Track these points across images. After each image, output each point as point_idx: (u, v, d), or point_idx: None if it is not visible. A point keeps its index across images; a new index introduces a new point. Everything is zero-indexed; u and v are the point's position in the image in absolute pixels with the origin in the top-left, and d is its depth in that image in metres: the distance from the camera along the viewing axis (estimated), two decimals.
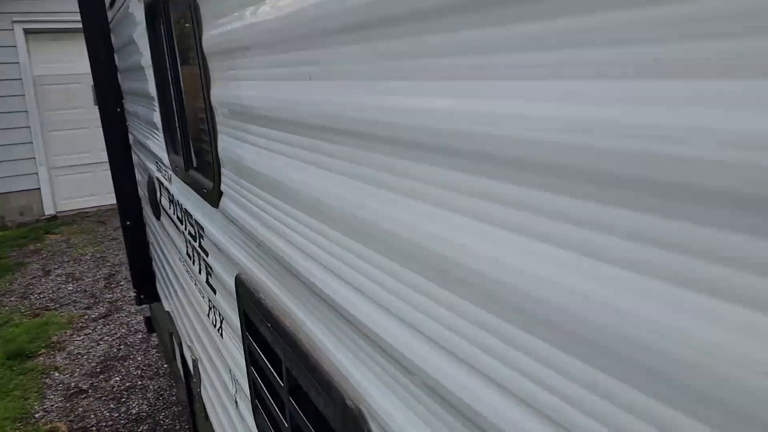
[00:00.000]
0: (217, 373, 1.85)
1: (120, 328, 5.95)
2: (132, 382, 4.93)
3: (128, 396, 4.73)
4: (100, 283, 7.24)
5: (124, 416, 4.46)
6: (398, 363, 0.68)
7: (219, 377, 1.83)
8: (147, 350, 5.46)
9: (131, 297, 6.67)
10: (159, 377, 4.98)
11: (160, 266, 3.00)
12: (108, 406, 4.61)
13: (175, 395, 4.66)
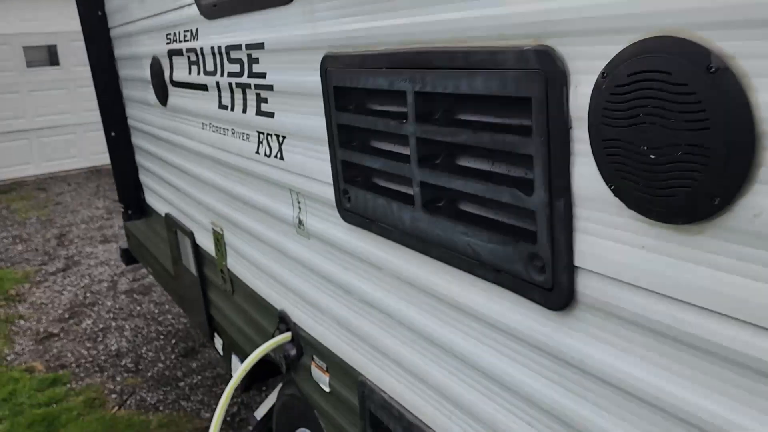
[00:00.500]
0: (262, 218, 1.84)
1: (82, 280, 5.73)
2: (105, 324, 4.78)
3: (104, 336, 4.58)
4: (52, 242, 6.93)
5: (104, 353, 4.33)
6: None
7: (265, 221, 1.82)
8: (116, 296, 5.29)
9: (89, 252, 6.44)
10: (134, 318, 4.85)
11: (157, 164, 2.92)
12: (84, 345, 4.46)
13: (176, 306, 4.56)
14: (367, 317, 1.39)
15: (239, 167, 1.91)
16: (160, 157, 2.85)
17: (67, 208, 8.37)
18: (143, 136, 3.08)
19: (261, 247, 1.90)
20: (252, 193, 1.87)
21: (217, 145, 2.04)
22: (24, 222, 7.82)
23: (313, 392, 1.77)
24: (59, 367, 4.16)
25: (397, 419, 1.33)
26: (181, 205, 2.70)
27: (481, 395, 1.04)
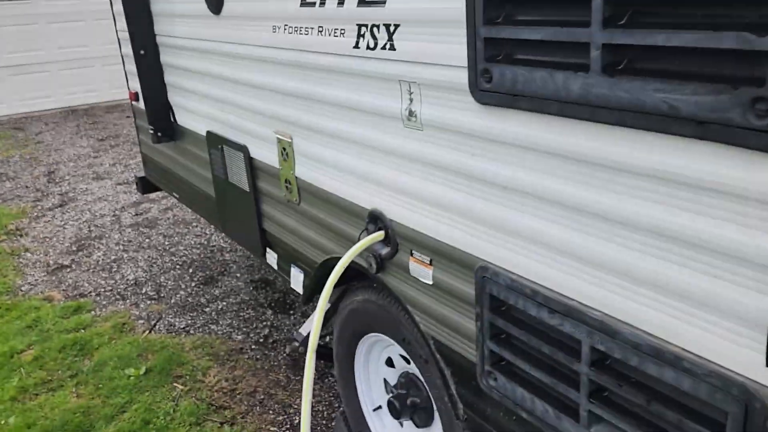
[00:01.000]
0: (355, 117, 1.83)
1: (82, 215, 5.63)
2: (117, 255, 4.73)
3: (118, 267, 4.54)
4: (42, 180, 6.75)
5: (122, 282, 4.30)
6: None
7: (358, 120, 1.82)
8: (122, 230, 5.21)
9: (83, 189, 6.30)
10: (145, 249, 4.80)
11: (198, 80, 2.84)
12: (99, 275, 4.42)
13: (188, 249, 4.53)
14: (497, 201, 1.41)
15: (326, 67, 1.88)
16: (203, 72, 2.78)
17: (49, 147, 8.12)
18: (178, 53, 2.99)
19: (349, 148, 1.90)
20: (342, 93, 1.85)
21: (296, 47, 2.00)
22: (7, 160, 7.58)
23: (408, 289, 1.81)
24: (78, 296, 4.12)
25: (529, 296, 1.38)
26: (230, 121, 2.66)
27: (666, 261, 1.09)
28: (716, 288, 1.02)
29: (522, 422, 1.54)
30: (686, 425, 1.12)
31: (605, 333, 1.22)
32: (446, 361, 1.76)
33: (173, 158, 3.48)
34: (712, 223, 1.00)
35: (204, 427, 2.83)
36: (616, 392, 1.26)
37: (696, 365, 1.07)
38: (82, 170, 7.00)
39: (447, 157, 1.52)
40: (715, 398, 1.06)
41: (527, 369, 1.46)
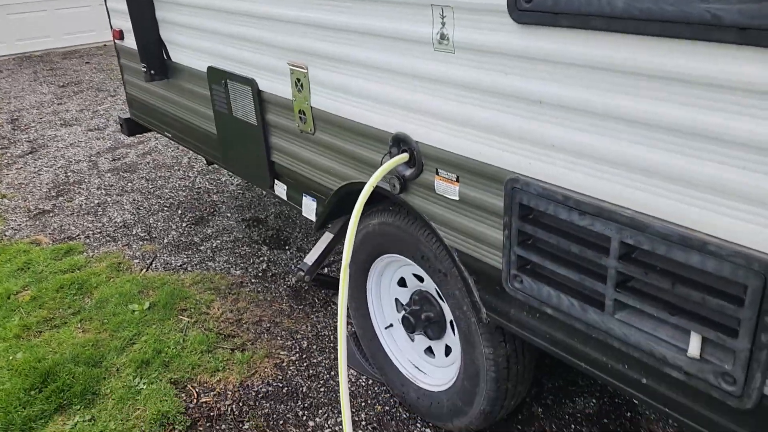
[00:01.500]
0: (382, 43, 1.91)
1: (56, 161, 5.54)
2: (100, 200, 4.71)
3: (103, 210, 4.53)
4: (6, 127, 6.55)
5: (110, 225, 4.31)
6: None
7: (385, 45, 1.90)
8: (101, 175, 5.17)
9: (52, 135, 6.16)
10: (129, 193, 4.79)
11: (199, 15, 2.85)
12: (85, 219, 4.41)
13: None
14: (529, 115, 1.54)
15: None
16: (204, 6, 2.78)
17: (8, 94, 7.85)
18: None
19: (374, 75, 1.98)
20: (368, 20, 1.92)
21: None
22: None
23: (432, 206, 1.94)
24: (66, 239, 4.13)
25: (560, 202, 1.53)
26: (234, 55, 2.69)
27: (696, 158, 1.24)
28: (743, 178, 1.18)
29: (545, 318, 1.71)
30: (709, 302, 1.30)
31: (635, 228, 1.38)
32: (470, 270, 1.91)
33: (166, 97, 3.48)
34: (745, 120, 1.15)
35: (215, 354, 2.95)
36: (641, 280, 1.43)
37: (721, 248, 1.24)
38: (47, 117, 6.82)
39: (479, 78, 1.63)
40: (737, 275, 1.23)
41: (554, 269, 1.61)
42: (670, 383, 1.47)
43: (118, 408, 2.62)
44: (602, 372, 1.62)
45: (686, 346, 1.39)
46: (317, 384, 2.75)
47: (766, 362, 1.26)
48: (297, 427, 2.51)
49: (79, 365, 2.87)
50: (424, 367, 2.50)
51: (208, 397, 2.69)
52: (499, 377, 2.08)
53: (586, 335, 1.62)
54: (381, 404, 2.62)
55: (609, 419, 2.47)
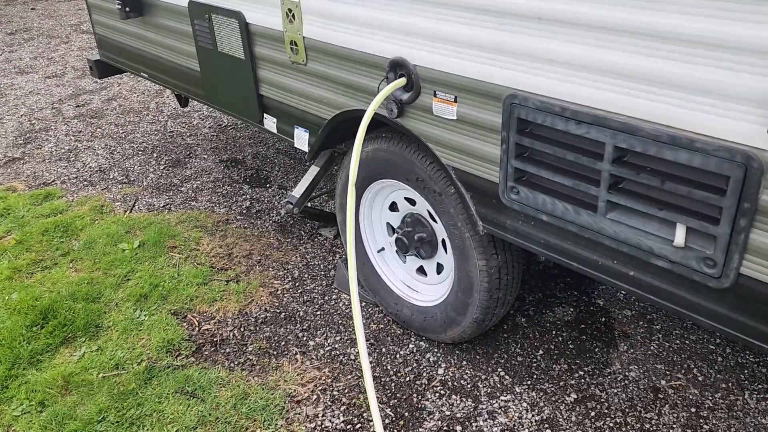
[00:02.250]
0: None
1: (18, 109, 5.39)
2: (71, 146, 4.65)
3: (76, 156, 4.49)
4: None
5: (85, 170, 4.28)
6: None
7: None
8: (67, 122, 5.07)
9: (9, 83, 5.97)
10: (99, 139, 4.74)
11: None
12: (59, 165, 4.37)
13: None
14: (527, 32, 1.65)
15: None
16: None
17: None
18: None
19: (370, 1, 2.05)
20: None
21: None
22: None
23: (429, 128, 2.05)
24: (42, 185, 4.10)
25: (557, 113, 1.66)
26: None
27: (684, 63, 1.38)
28: (728, 78, 1.33)
29: (540, 225, 1.87)
30: (694, 194, 1.47)
31: (628, 132, 1.53)
32: (466, 186, 2.05)
33: (141, 35, 3.45)
34: (727, 23, 1.29)
35: (211, 285, 3.05)
36: (633, 181, 1.59)
37: (707, 144, 1.40)
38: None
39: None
40: (722, 167, 1.40)
41: (550, 177, 1.76)
42: (656, 273, 1.65)
43: (123, 338, 2.71)
44: (593, 269, 1.80)
45: (672, 237, 1.56)
46: (313, 308, 2.89)
47: (743, 244, 1.44)
48: (298, 346, 2.66)
49: (78, 302, 2.93)
50: (417, 286, 2.66)
51: (209, 325, 2.81)
52: (491, 287, 2.26)
53: (578, 237, 1.79)
54: (375, 323, 2.78)
55: (586, 325, 2.70)
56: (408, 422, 2.28)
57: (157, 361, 2.59)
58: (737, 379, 2.38)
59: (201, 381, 2.47)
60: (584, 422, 2.24)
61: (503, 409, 2.31)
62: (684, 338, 2.59)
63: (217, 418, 2.30)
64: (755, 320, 1.51)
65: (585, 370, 2.46)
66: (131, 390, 2.43)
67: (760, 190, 1.36)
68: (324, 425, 2.27)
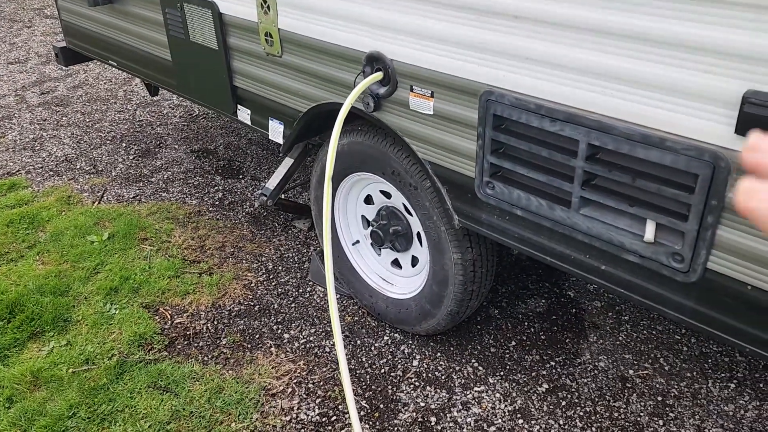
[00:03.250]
0: None
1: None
2: (35, 135, 4.54)
3: (41, 145, 4.38)
4: None
5: (51, 160, 4.19)
6: None
7: None
8: (32, 110, 4.95)
9: None
10: (65, 127, 4.64)
11: None
12: (23, 154, 4.26)
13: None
14: (505, 30, 1.67)
15: None
16: None
17: None
18: None
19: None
20: None
21: None
22: None
23: (406, 122, 2.06)
24: (6, 175, 4.01)
25: (532, 111, 1.69)
26: None
27: (657, 63, 1.41)
28: (699, 79, 1.37)
29: (515, 219, 1.90)
30: (664, 191, 1.51)
31: (601, 130, 1.56)
32: (442, 180, 2.06)
33: (110, 23, 3.38)
34: (695, 26, 1.32)
35: (183, 278, 3.02)
36: (605, 177, 1.62)
37: (677, 143, 1.44)
38: None
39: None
40: (690, 165, 1.44)
41: (525, 173, 1.79)
42: (626, 267, 1.69)
43: (93, 332, 2.68)
44: (566, 263, 1.84)
45: (643, 232, 1.60)
46: (287, 301, 2.89)
47: (710, 240, 1.49)
48: (273, 339, 2.66)
49: (46, 295, 2.88)
50: (392, 279, 2.68)
51: (182, 318, 2.79)
52: (466, 280, 2.29)
53: (552, 231, 1.82)
54: (350, 315, 2.79)
55: (557, 316, 2.75)
56: (383, 414, 2.30)
57: (129, 355, 2.56)
58: (701, 368, 2.46)
59: (174, 375, 2.45)
60: (555, 412, 2.29)
61: (477, 399, 2.35)
62: (651, 329, 2.66)
63: (191, 413, 2.29)
64: (720, 313, 1.56)
65: (556, 361, 2.51)
66: (102, 385, 2.41)
67: (727, 188, 1.41)
68: (299, 418, 2.28)
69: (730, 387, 2.37)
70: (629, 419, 2.25)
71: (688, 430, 2.20)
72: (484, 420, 2.26)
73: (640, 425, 2.23)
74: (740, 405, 2.29)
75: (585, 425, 2.23)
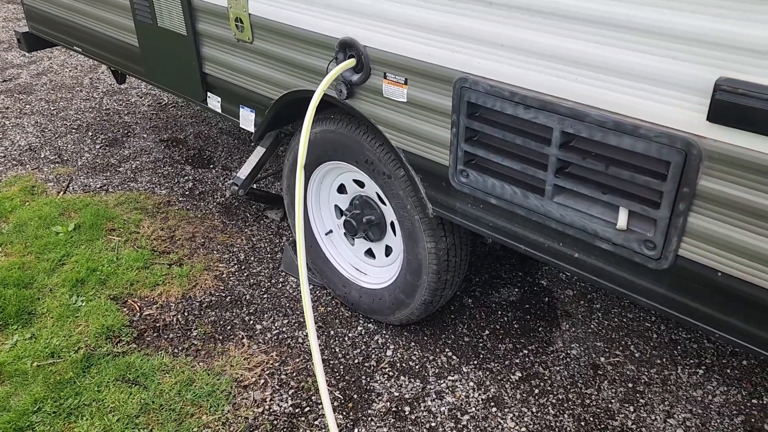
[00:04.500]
0: None
1: None
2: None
3: (3, 134, 4.25)
4: None
5: (14, 149, 4.06)
6: None
7: None
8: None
9: None
10: (29, 115, 4.50)
11: None
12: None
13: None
14: (479, 16, 1.65)
15: None
16: None
17: None
18: None
19: None
20: None
21: None
22: None
23: (379, 110, 2.04)
24: None
25: (506, 98, 1.68)
26: None
27: (629, 50, 1.41)
28: (671, 66, 1.37)
29: (489, 208, 1.90)
30: (636, 179, 1.51)
31: (575, 118, 1.56)
32: (416, 168, 2.05)
33: (74, 7, 3.28)
34: (668, 13, 1.32)
35: (153, 269, 2.96)
36: (579, 165, 1.62)
37: (650, 130, 1.44)
38: None
39: None
40: (662, 153, 1.44)
41: (499, 161, 1.78)
42: (599, 255, 1.70)
43: (58, 325, 2.61)
44: (539, 251, 1.84)
45: (615, 220, 1.61)
46: (260, 291, 2.85)
47: (682, 227, 1.50)
48: (245, 330, 2.62)
49: (9, 288, 2.80)
50: (365, 269, 2.66)
51: (151, 310, 2.73)
52: (440, 269, 2.28)
53: (526, 219, 1.82)
54: (323, 306, 2.77)
55: (530, 305, 2.77)
56: (357, 404, 2.29)
57: (96, 348, 2.50)
58: (671, 354, 2.50)
59: (143, 368, 2.40)
60: (528, 399, 2.30)
61: (451, 388, 2.35)
62: (622, 316, 2.69)
63: (161, 406, 2.25)
64: (690, 299, 1.58)
65: (529, 349, 2.52)
66: (68, 379, 2.35)
67: (699, 176, 1.42)
68: (272, 409, 2.26)
69: (699, 373, 2.41)
70: (601, 406, 2.28)
71: (658, 415, 2.23)
72: (457, 409, 2.26)
73: (612, 412, 2.25)
74: (708, 390, 2.33)
75: (557, 412, 2.25)
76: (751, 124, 1.28)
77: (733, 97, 1.28)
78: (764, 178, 1.33)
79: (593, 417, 2.23)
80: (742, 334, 1.52)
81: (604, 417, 2.23)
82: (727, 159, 1.36)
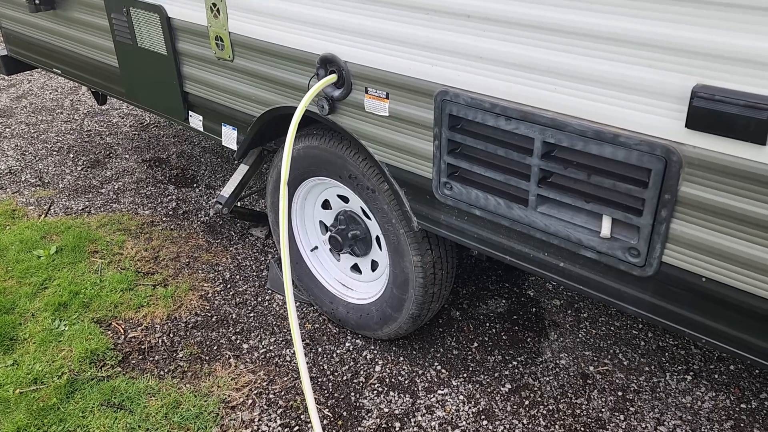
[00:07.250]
0: None
1: None
2: None
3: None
4: None
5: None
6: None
7: None
8: None
9: None
10: (8, 139, 4.46)
11: None
12: None
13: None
14: (458, 30, 1.66)
15: None
16: None
17: None
18: None
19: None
20: None
21: None
22: None
23: (362, 124, 2.04)
24: None
25: (487, 110, 1.69)
26: None
27: (609, 60, 1.42)
28: (649, 75, 1.38)
29: (474, 220, 1.90)
30: (618, 187, 1.52)
31: (556, 128, 1.57)
32: (400, 182, 2.05)
33: (54, 30, 3.26)
34: (648, 22, 1.34)
35: (137, 291, 2.93)
36: (561, 175, 1.63)
37: (630, 138, 1.46)
38: None
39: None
40: (643, 160, 1.45)
41: (482, 173, 1.79)
42: (584, 263, 1.70)
43: (41, 350, 2.57)
44: (525, 262, 1.84)
45: (599, 228, 1.62)
46: (246, 310, 2.82)
47: (665, 234, 1.51)
48: (232, 350, 2.60)
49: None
50: (352, 284, 2.65)
51: (136, 332, 2.69)
52: (426, 282, 2.27)
53: (510, 230, 1.82)
54: (310, 323, 2.75)
55: (518, 315, 2.77)
56: (347, 422, 2.27)
57: (80, 373, 2.46)
58: (659, 361, 2.50)
59: (129, 391, 2.36)
60: (519, 411, 2.29)
61: (441, 403, 2.33)
62: (609, 325, 2.70)
63: (147, 429, 2.21)
64: (676, 305, 1.58)
65: (518, 360, 2.52)
66: (52, 405, 2.30)
67: (680, 182, 1.43)
68: (261, 429, 2.23)
69: (687, 379, 2.41)
70: (591, 415, 2.27)
71: (649, 423, 2.23)
72: (448, 423, 2.24)
73: (602, 421, 2.25)
74: (697, 396, 2.34)
75: (548, 423, 2.24)
76: (728, 129, 1.30)
77: (710, 103, 1.30)
78: (743, 182, 1.34)
79: (584, 427, 2.22)
80: (729, 339, 1.53)
81: (595, 427, 2.23)
82: (706, 165, 1.37)
